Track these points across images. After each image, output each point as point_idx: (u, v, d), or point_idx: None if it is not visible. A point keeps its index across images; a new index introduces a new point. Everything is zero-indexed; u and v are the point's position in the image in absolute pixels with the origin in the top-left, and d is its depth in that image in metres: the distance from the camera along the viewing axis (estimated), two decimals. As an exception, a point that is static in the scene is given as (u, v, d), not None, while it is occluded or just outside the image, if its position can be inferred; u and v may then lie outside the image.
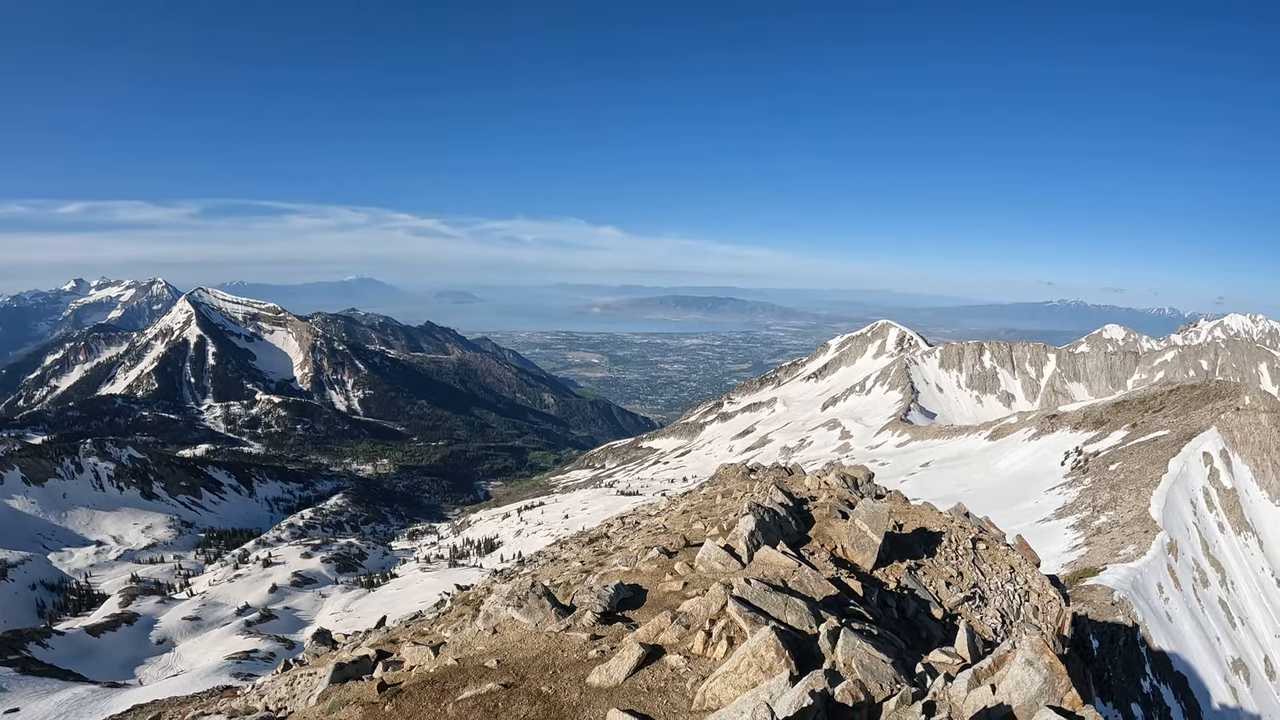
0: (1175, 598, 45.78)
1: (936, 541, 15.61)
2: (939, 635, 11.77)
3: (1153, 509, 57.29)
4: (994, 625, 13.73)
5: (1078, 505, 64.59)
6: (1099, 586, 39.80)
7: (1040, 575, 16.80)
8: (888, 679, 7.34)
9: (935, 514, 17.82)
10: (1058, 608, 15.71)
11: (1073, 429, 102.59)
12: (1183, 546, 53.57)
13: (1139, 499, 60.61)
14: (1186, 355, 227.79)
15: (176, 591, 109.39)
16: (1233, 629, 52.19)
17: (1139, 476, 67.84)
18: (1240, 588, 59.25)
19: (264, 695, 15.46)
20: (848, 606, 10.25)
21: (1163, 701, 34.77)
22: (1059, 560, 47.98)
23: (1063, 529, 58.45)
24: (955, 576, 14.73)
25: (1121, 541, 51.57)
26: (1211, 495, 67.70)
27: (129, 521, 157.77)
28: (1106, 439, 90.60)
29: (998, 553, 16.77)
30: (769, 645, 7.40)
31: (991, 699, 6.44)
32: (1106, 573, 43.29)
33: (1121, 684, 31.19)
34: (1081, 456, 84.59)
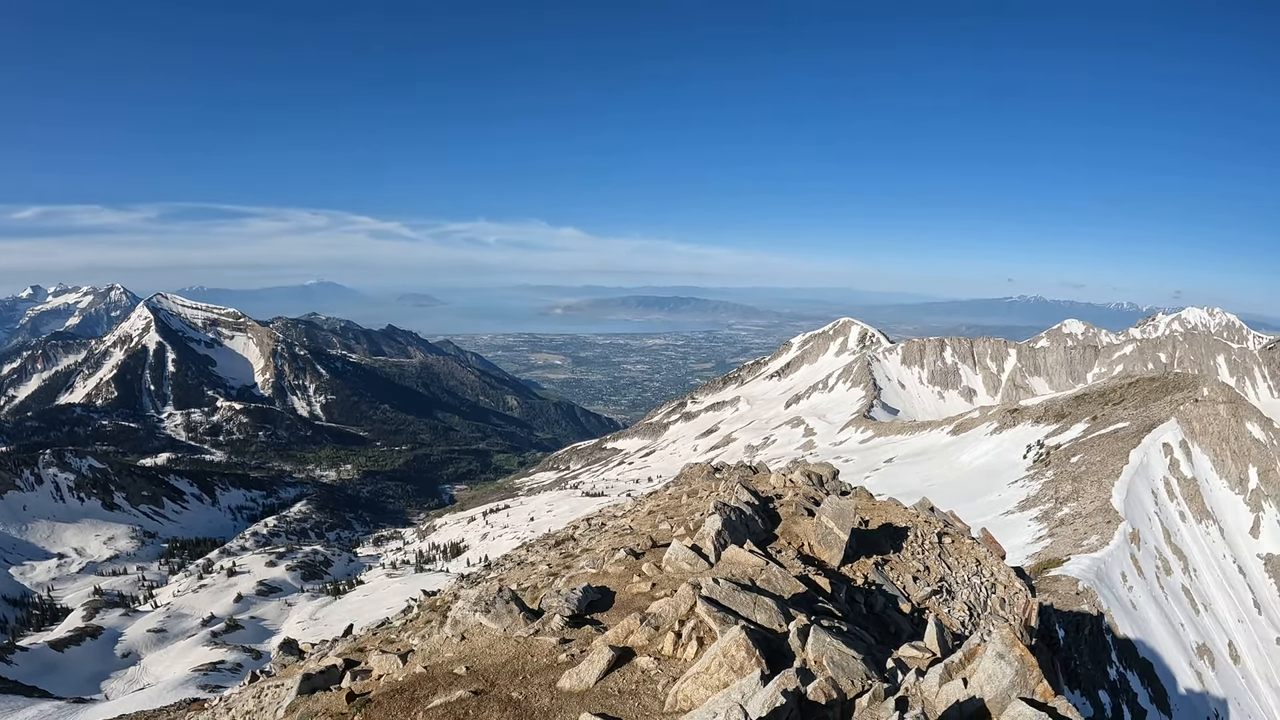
0: (1139, 586, 46.38)
1: (903, 537, 15.68)
2: (908, 630, 11.81)
3: (1115, 499, 57.99)
4: (962, 618, 13.79)
5: (1041, 497, 65.25)
6: (1064, 577, 40.20)
7: (1006, 567, 16.92)
8: (859, 675, 7.31)
9: (901, 509, 17.90)
10: (1024, 599, 15.82)
11: (1034, 423, 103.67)
12: (1145, 535, 54.27)
13: (1101, 490, 61.33)
14: (1145, 348, 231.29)
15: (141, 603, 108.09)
16: (1196, 615, 52.98)
17: (1100, 468, 68.68)
18: (1203, 574, 60.17)
19: (231, 708, 15.22)
20: (817, 604, 10.24)
21: (1129, 688, 35.20)
22: (1023, 552, 48.43)
23: (1026, 521, 59.02)
24: (922, 571, 14.79)
25: (1085, 532, 52.13)
26: (1172, 485, 68.72)
27: (91, 533, 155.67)
28: (1068, 432, 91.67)
29: (963, 546, 16.87)
30: (739, 645, 7.36)
31: (964, 693, 6.45)
32: (1071, 563, 43.74)
33: (1089, 672, 31.53)
34: (1043, 449, 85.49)
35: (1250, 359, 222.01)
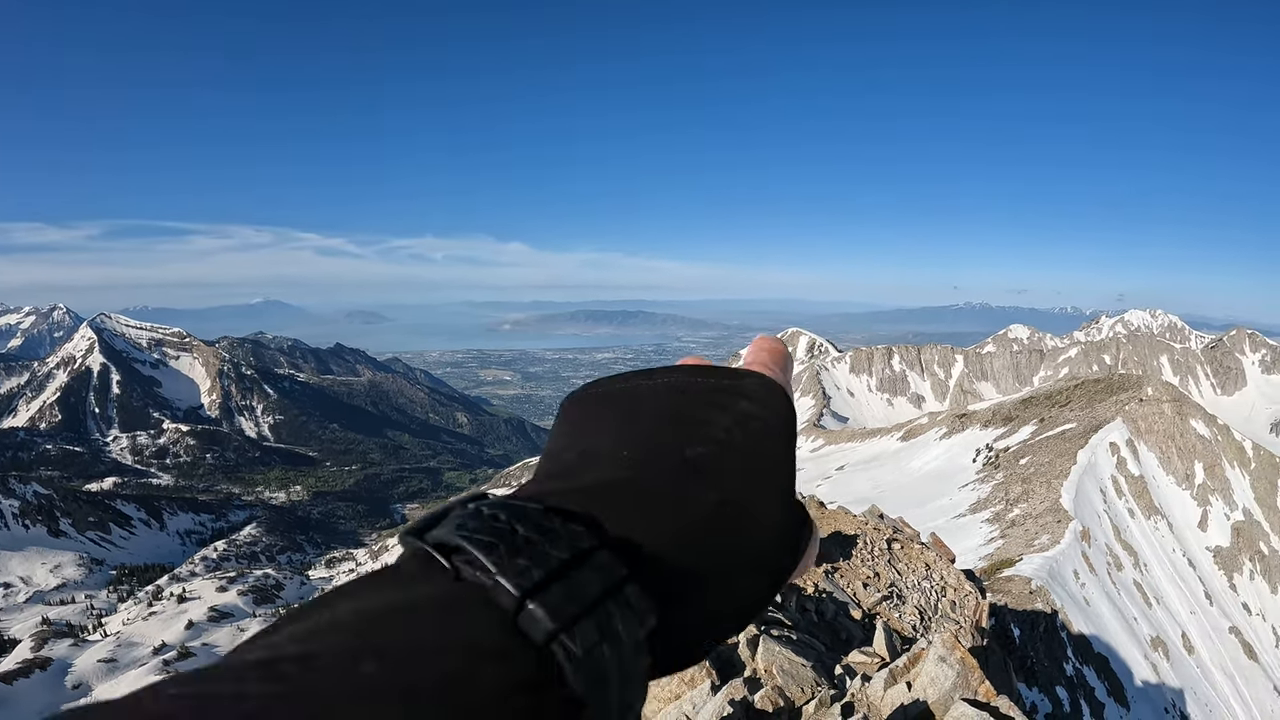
0: (1091, 583, 46.99)
1: (852, 544, 15.76)
2: (859, 636, 11.85)
3: (1064, 499, 58.76)
4: (913, 622, 13.88)
5: (991, 500, 65.94)
6: (1017, 577, 40.60)
7: (955, 570, 17.06)
8: (808, 682, 7.33)
9: (850, 517, 18.01)
10: (974, 601, 15.96)
11: (982, 426, 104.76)
12: (1095, 533, 55.07)
13: (1050, 490, 62.11)
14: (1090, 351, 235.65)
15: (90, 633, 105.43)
16: (1149, 608, 53.85)
17: (1049, 469, 69.61)
18: (1154, 569, 61.19)
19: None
20: (767, 613, 10.24)
21: (1086, 682, 35.60)
22: (976, 554, 48.80)
23: (978, 523, 59.59)
24: (872, 577, 14.87)
25: (1036, 532, 52.72)
26: (1120, 483, 69.85)
27: (37, 561, 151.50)
28: (1016, 434, 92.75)
29: (913, 551, 16.99)
30: (689, 656, 7.33)
31: (908, 696, 6.49)
32: (1023, 563, 44.20)
33: (1046, 669, 31.82)
34: (992, 453, 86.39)
35: (1193, 358, 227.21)
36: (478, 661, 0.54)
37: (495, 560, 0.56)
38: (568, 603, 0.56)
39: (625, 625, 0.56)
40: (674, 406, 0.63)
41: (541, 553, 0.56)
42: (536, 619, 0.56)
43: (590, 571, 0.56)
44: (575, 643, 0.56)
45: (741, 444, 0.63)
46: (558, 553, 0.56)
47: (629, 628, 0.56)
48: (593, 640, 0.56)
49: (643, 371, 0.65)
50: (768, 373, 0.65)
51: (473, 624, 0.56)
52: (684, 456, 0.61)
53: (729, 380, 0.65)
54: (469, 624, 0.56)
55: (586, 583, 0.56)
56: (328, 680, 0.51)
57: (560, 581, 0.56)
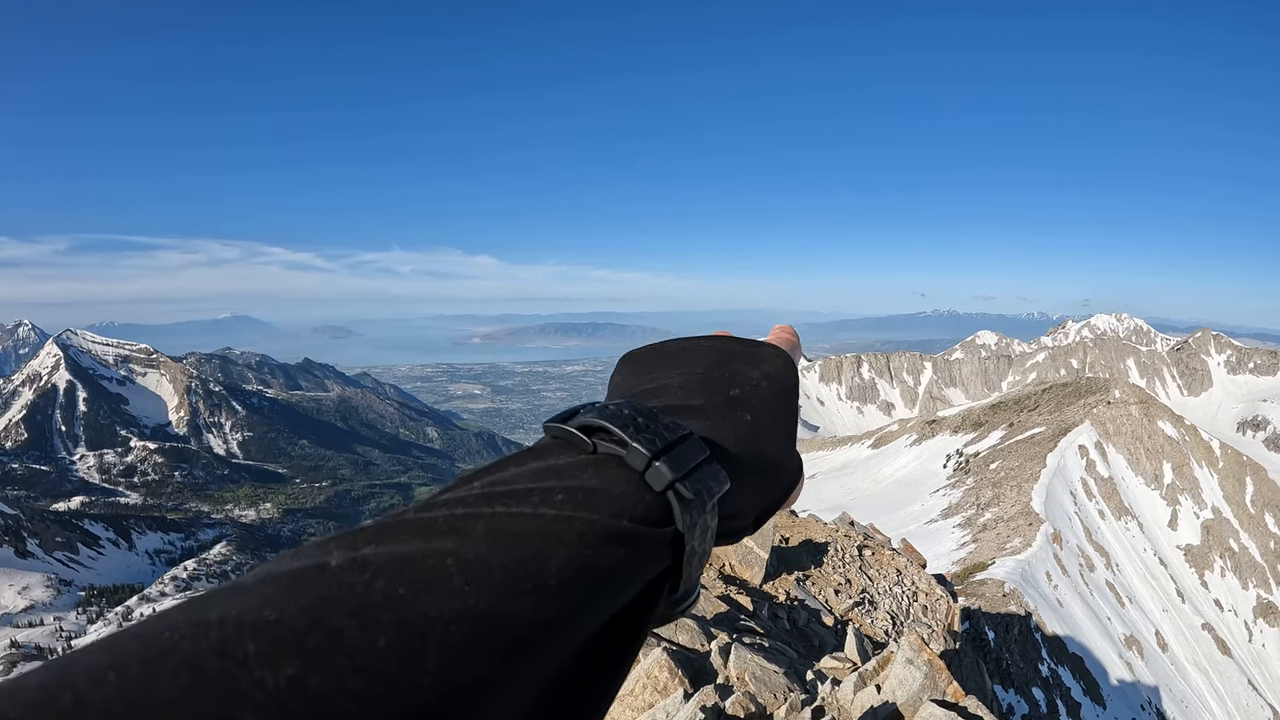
0: (1064, 584, 47.40)
1: (823, 552, 15.83)
2: (831, 642, 11.89)
3: (1034, 502, 59.28)
4: (885, 627, 13.96)
5: (962, 505, 66.41)
6: (990, 580, 40.86)
7: (927, 575, 17.18)
8: (780, 688, 7.36)
9: (820, 525, 18.08)
10: (946, 605, 16.07)
11: (952, 432, 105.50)
12: (1066, 535, 55.58)
13: (1021, 494, 62.64)
14: (1057, 355, 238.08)
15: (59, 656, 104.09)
16: (1122, 608, 54.40)
17: (1019, 473, 70.23)
18: (1125, 569, 61.87)
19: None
20: (739, 622, 10.28)
21: (1062, 682, 35.86)
22: (949, 558, 49.10)
23: (950, 528, 59.98)
24: (844, 584, 14.94)
25: (1007, 536, 53.11)
26: (1090, 485, 70.57)
27: (4, 583, 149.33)
28: (986, 439, 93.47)
29: (884, 557, 17.10)
30: (662, 666, 7.36)
31: (877, 699, 6.55)
32: (995, 566, 44.49)
33: (1021, 670, 32.02)
34: (963, 458, 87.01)
35: (1159, 360, 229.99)
36: (622, 501, 0.72)
37: (629, 434, 0.73)
38: (680, 463, 0.73)
39: (713, 484, 0.73)
40: (719, 360, 0.92)
41: (656, 431, 0.73)
42: (661, 472, 0.73)
43: (689, 446, 0.74)
44: (687, 489, 0.73)
45: (766, 390, 0.89)
46: (668, 434, 0.74)
47: (715, 486, 0.73)
48: (696, 490, 0.73)
49: (688, 337, 0.95)
50: (782, 346, 0.93)
51: (615, 476, 0.72)
52: (729, 394, 0.87)
53: (755, 347, 0.94)
54: (612, 476, 0.72)
55: (689, 452, 0.73)
56: (529, 502, 0.67)
57: (672, 450, 0.73)
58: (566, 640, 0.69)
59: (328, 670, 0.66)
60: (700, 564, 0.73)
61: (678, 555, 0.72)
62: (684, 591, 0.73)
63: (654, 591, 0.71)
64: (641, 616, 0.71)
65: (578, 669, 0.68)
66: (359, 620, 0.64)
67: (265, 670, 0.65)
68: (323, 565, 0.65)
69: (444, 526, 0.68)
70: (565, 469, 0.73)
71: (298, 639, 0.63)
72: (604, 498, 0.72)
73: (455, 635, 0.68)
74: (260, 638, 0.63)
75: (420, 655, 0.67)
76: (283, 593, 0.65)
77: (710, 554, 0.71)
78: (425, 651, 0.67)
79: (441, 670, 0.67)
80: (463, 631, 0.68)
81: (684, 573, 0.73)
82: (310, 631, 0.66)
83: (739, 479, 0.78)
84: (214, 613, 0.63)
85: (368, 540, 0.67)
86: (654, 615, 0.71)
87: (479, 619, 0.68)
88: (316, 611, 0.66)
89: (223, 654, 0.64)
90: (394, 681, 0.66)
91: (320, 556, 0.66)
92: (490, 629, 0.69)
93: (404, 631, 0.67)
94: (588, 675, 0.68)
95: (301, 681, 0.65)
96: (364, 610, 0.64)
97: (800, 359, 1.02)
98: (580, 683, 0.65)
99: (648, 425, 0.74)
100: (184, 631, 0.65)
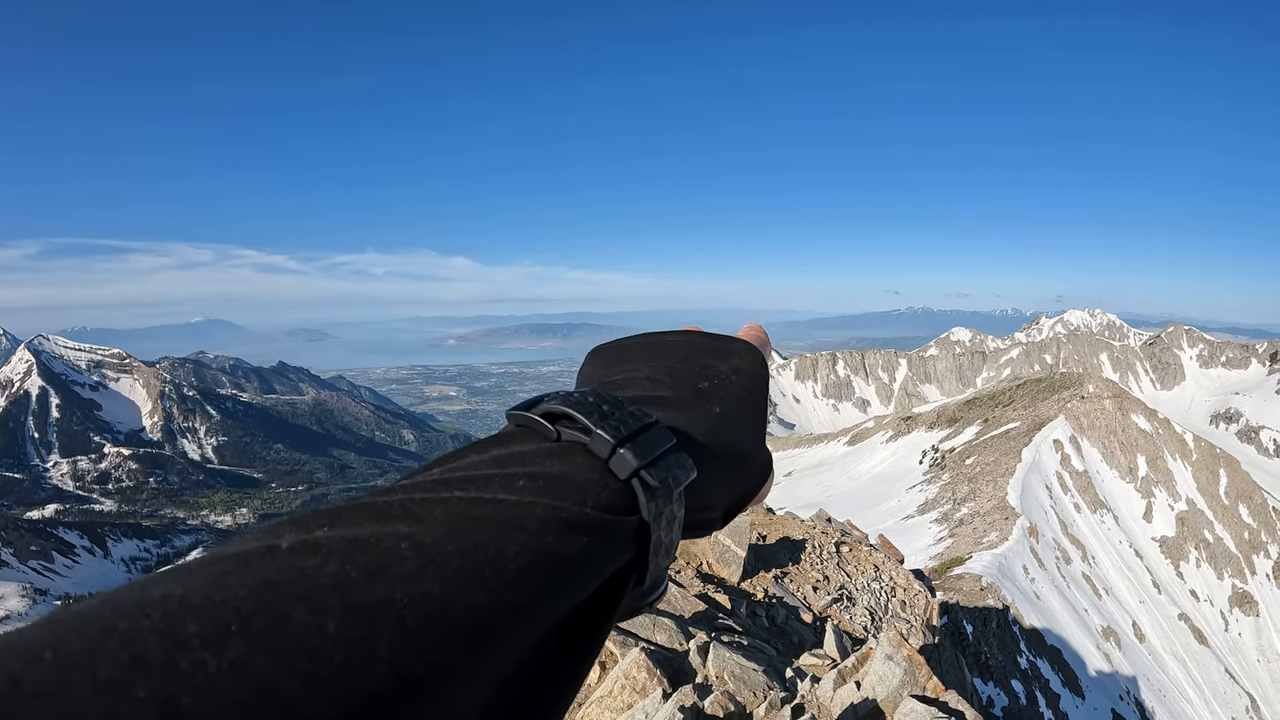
0: (1041, 577, 47.68)
1: (800, 549, 15.83)
2: (810, 639, 11.88)
3: (1010, 497, 59.68)
4: (864, 623, 13.97)
5: (939, 500, 66.69)
6: (967, 574, 41.04)
7: (904, 571, 17.23)
8: (760, 686, 7.32)
9: (797, 522, 18.09)
10: (924, 600, 16.12)
11: (928, 428, 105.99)
12: (1042, 529, 55.94)
13: (996, 489, 63.01)
14: (1031, 351, 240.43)
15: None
16: (1099, 600, 54.82)
17: (995, 468, 70.66)
18: (1101, 561, 62.38)
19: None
20: (717, 620, 10.24)
21: (1041, 675, 36.06)
22: (926, 554, 49.26)
23: (927, 524, 60.20)
24: (822, 580, 14.95)
25: (984, 530, 53.40)
26: (1065, 479, 71.12)
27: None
28: (961, 435, 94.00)
29: (861, 554, 17.12)
30: (640, 666, 7.31)
31: (857, 695, 6.53)
32: (973, 561, 44.70)
33: (1000, 663, 32.15)
34: (938, 454, 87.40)
35: (1132, 355, 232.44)
36: (585, 488, 0.70)
37: (594, 421, 0.74)
38: (646, 451, 0.73)
39: (679, 473, 0.75)
40: (689, 353, 0.92)
41: (621, 419, 0.75)
42: (625, 460, 0.73)
43: (655, 434, 0.76)
44: (652, 477, 0.73)
45: (736, 383, 0.89)
46: (633, 421, 0.75)
47: (681, 475, 0.75)
48: (661, 477, 0.73)
49: (658, 332, 0.95)
50: (752, 341, 0.93)
51: (579, 463, 0.73)
52: (698, 387, 0.88)
53: (725, 342, 0.94)
54: (576, 463, 0.72)
55: (655, 440, 0.75)
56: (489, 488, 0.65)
57: (638, 437, 0.74)
58: (527, 629, 0.66)
59: (273, 653, 0.64)
60: (668, 555, 0.74)
61: (644, 545, 0.73)
62: (651, 583, 0.75)
63: (619, 582, 0.71)
64: (607, 607, 0.70)
65: (540, 659, 0.66)
66: (307, 603, 0.62)
67: (207, 652, 0.62)
68: (273, 548, 0.62)
69: (400, 511, 0.66)
70: (528, 455, 0.73)
71: (243, 621, 0.60)
72: (566, 484, 0.70)
73: (409, 621, 0.65)
74: (203, 619, 0.60)
75: (371, 640, 0.65)
76: (230, 574, 0.61)
77: (678, 545, 0.72)
78: (377, 637, 0.65)
79: (395, 656, 0.65)
80: (417, 617, 0.65)
81: (650, 563, 0.73)
82: (256, 614, 0.63)
83: (707, 470, 0.80)
84: (157, 593, 0.58)
85: (321, 523, 0.65)
86: (619, 606, 0.71)
87: (434, 605, 0.66)
88: (263, 594, 0.63)
89: (163, 634, 0.61)
90: (343, 666, 0.64)
91: (272, 539, 0.63)
92: (446, 615, 0.66)
93: (354, 616, 0.65)
94: (550, 666, 0.66)
95: (245, 664, 0.63)
96: (312, 593, 0.62)
97: (770, 355, 1.01)
98: (543, 673, 0.63)
99: (612, 413, 0.75)
100: (125, 611, 0.61)
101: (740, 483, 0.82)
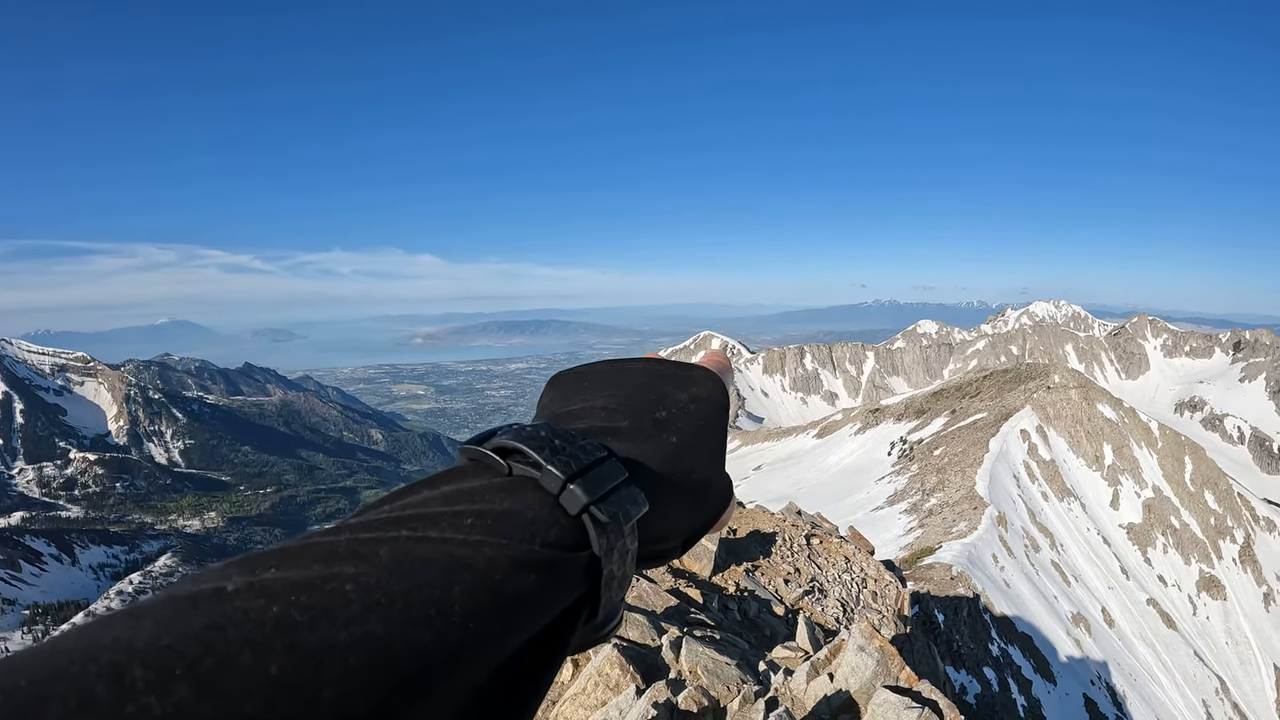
0: (1010, 565, 48.03)
1: (771, 542, 15.85)
2: (783, 632, 11.90)
3: (978, 487, 60.07)
4: (835, 615, 14.00)
5: (908, 491, 67.00)
6: (937, 564, 41.24)
7: (875, 562, 17.29)
8: (733, 680, 7.32)
9: (767, 515, 18.11)
10: (895, 590, 16.19)
11: (896, 420, 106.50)
12: (1011, 518, 56.37)
13: (965, 479, 63.41)
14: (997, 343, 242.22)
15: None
16: (1068, 586, 55.31)
17: (963, 458, 71.12)
18: (1070, 548, 62.95)
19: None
20: (689, 615, 10.23)
21: (1012, 661, 36.31)
22: (896, 544, 49.48)
23: (896, 515, 60.44)
24: (793, 573, 14.97)
25: (953, 520, 53.68)
26: (1032, 468, 71.74)
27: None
28: (929, 427, 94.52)
29: (832, 545, 17.17)
30: (613, 663, 7.29)
31: (830, 687, 6.54)
32: (942, 550, 44.92)
33: (971, 651, 32.33)
34: (907, 445, 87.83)
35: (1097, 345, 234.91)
36: (534, 526, 0.72)
37: (545, 456, 0.73)
38: (596, 486, 0.73)
39: (630, 507, 0.74)
40: (647, 381, 0.93)
41: (573, 453, 0.73)
42: (575, 495, 0.73)
43: (607, 468, 0.74)
44: (602, 512, 0.73)
45: (694, 412, 0.89)
46: (585, 456, 0.73)
47: (632, 509, 0.74)
48: (612, 512, 0.73)
49: (618, 359, 0.93)
50: (713, 368, 0.93)
51: (529, 499, 0.73)
52: (655, 416, 0.87)
53: (685, 370, 0.96)
54: (526, 499, 0.73)
55: (606, 474, 0.73)
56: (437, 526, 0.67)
57: (589, 472, 0.73)
58: (473, 668, 0.71)
59: (217, 697, 0.68)
60: (621, 588, 0.75)
61: (596, 580, 0.74)
62: (604, 616, 0.75)
63: (570, 618, 0.73)
64: (557, 644, 0.73)
65: (488, 697, 0.71)
66: (251, 647, 0.65)
67: (152, 695, 0.67)
68: (219, 590, 0.65)
69: (346, 551, 0.69)
70: (477, 492, 0.73)
71: (187, 665, 0.65)
72: (515, 522, 0.72)
73: (353, 662, 0.70)
74: (149, 663, 0.64)
75: (315, 683, 0.69)
76: (178, 618, 0.64)
77: (632, 578, 0.71)
78: (320, 679, 0.69)
79: (339, 698, 0.69)
80: (360, 659, 0.70)
81: (603, 597, 0.74)
82: (202, 658, 0.67)
83: (663, 502, 0.79)
84: (106, 637, 0.63)
85: (269, 564, 0.69)
86: (570, 642, 0.73)
87: (378, 646, 0.70)
88: (208, 637, 0.67)
89: (110, 679, 0.67)
90: (286, 710, 0.68)
91: (219, 581, 0.65)
92: (390, 656, 0.71)
93: (297, 658, 0.69)
94: (499, 703, 0.71)
95: (189, 708, 0.67)
96: (257, 636, 0.65)
97: (732, 381, 0.99)
98: (492, 711, 0.67)
99: (564, 447, 0.74)
100: (74, 656, 0.67)
101: (699, 511, 0.82)
